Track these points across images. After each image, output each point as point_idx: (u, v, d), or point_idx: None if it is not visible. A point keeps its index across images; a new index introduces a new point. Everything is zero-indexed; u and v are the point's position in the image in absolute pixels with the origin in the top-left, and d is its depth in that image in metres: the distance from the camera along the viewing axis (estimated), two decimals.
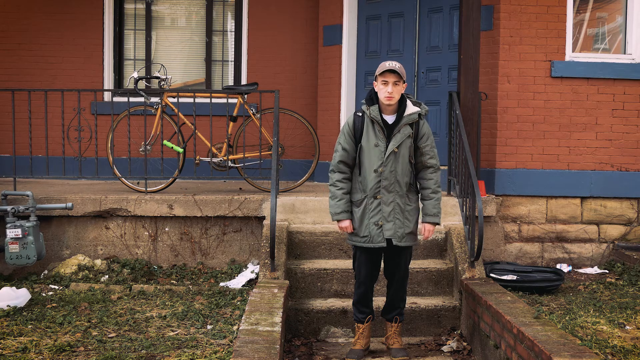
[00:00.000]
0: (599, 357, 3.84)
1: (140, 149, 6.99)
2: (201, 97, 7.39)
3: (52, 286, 5.93)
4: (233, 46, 9.08)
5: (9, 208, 6.07)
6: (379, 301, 5.35)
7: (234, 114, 7.10)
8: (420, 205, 4.89)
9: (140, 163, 7.60)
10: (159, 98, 7.03)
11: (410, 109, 4.74)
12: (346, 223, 4.79)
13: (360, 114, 4.80)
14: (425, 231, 4.82)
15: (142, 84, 8.34)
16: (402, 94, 4.74)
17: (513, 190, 7.01)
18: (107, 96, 8.84)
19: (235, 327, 4.62)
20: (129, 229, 6.60)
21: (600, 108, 7.04)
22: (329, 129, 8.43)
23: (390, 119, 4.74)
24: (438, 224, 4.84)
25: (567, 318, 4.83)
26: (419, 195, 4.89)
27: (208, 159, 7.04)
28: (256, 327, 4.28)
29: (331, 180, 4.82)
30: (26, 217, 6.15)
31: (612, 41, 7.37)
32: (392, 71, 4.60)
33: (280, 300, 4.89)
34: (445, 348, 5.29)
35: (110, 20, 8.90)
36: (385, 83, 4.64)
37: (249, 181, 7.07)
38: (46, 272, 6.33)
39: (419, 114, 4.75)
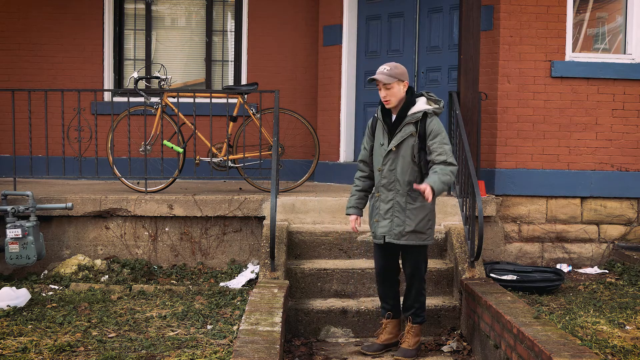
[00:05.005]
0: (599, 357, 3.84)
1: (140, 149, 6.99)
2: (201, 97, 7.40)
3: (52, 286, 5.93)
4: (233, 46, 9.08)
5: (9, 208, 6.07)
6: None
7: (234, 114, 7.10)
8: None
9: (140, 163, 7.59)
10: (159, 98, 7.03)
11: (416, 107, 4.76)
12: (352, 217, 5.03)
13: (376, 115, 4.96)
14: (422, 187, 4.54)
15: (142, 84, 8.33)
16: (420, 92, 4.84)
17: (513, 190, 7.01)
18: (107, 96, 8.84)
19: (235, 327, 4.62)
20: (129, 229, 6.60)
21: (600, 108, 7.04)
22: (329, 129, 8.43)
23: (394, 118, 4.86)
24: (433, 188, 4.51)
25: (567, 318, 4.83)
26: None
27: (208, 159, 7.04)
28: (256, 327, 4.28)
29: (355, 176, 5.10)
30: (26, 217, 6.15)
31: (612, 41, 7.37)
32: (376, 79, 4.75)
33: (280, 300, 4.89)
34: (445, 348, 5.28)
35: (110, 20, 8.90)
36: (379, 88, 4.78)
37: (249, 181, 7.07)
38: (46, 272, 6.33)
39: (425, 113, 4.75)
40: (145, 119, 6.93)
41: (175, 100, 7.24)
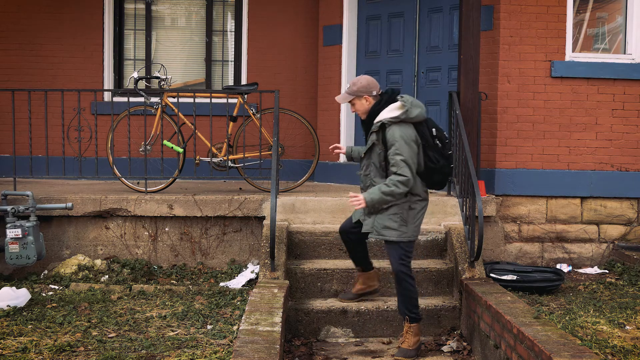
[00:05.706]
0: (599, 357, 3.84)
1: (140, 149, 6.99)
2: (201, 97, 7.40)
3: (52, 286, 5.93)
4: (233, 46, 9.08)
5: (9, 208, 6.07)
6: None
7: (234, 114, 7.10)
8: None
9: (140, 163, 7.59)
10: (159, 98, 7.04)
11: (379, 117, 4.84)
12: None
13: None
14: (355, 195, 4.80)
15: (142, 84, 8.33)
16: (397, 97, 4.83)
17: (513, 190, 7.01)
18: (107, 96, 8.84)
19: (235, 327, 4.62)
20: (129, 229, 6.60)
21: (600, 108, 7.04)
22: (329, 129, 8.43)
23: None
24: (366, 200, 4.75)
25: (567, 318, 4.83)
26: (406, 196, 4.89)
27: (208, 159, 7.04)
28: (256, 327, 4.28)
29: None
30: (26, 217, 6.15)
31: (612, 41, 7.37)
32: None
33: (280, 300, 4.89)
34: (445, 348, 5.29)
35: (110, 20, 8.89)
36: None
37: (249, 181, 7.07)
38: (46, 272, 6.33)
39: (382, 123, 4.79)
40: (145, 119, 6.93)
41: (175, 100, 7.24)
